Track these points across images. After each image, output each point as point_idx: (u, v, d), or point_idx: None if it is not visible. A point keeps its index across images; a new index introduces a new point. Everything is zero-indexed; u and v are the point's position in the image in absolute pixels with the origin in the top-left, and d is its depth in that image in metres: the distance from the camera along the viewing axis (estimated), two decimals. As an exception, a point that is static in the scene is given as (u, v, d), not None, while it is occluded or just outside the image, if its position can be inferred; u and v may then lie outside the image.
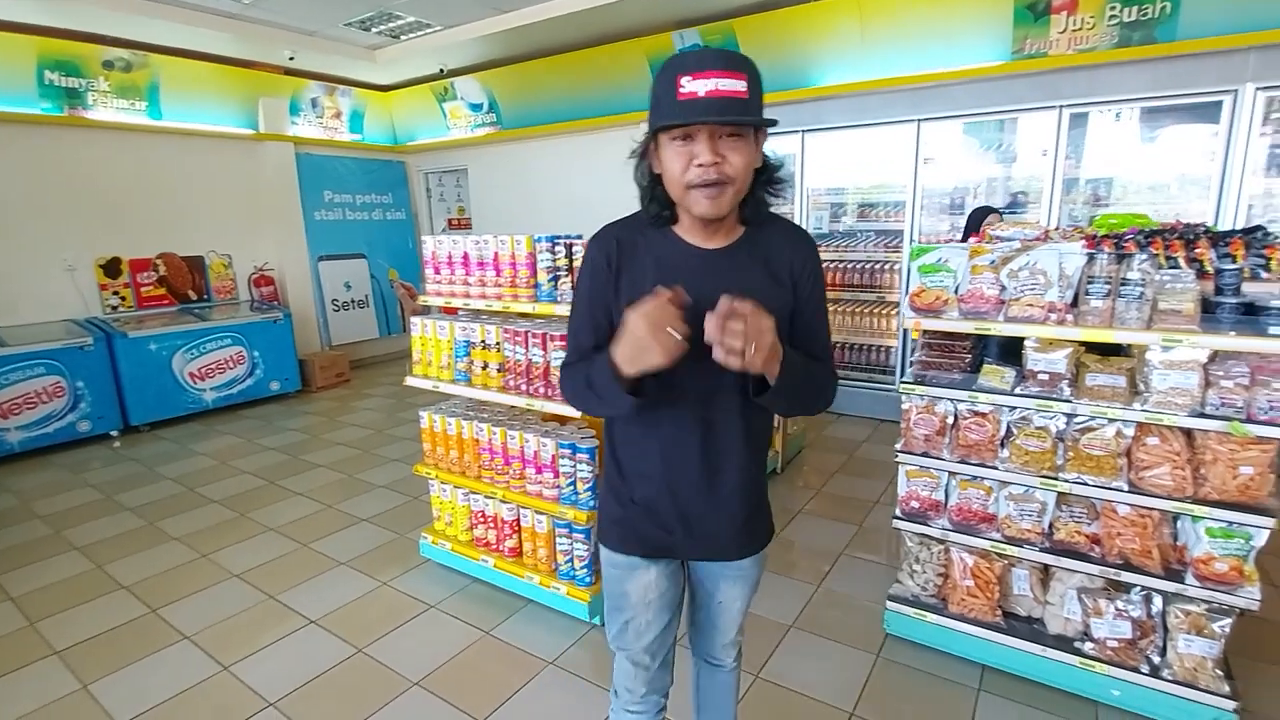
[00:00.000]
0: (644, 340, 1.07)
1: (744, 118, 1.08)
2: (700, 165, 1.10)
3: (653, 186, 1.23)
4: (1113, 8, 3.97)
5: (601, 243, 1.29)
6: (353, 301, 7.58)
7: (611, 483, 1.43)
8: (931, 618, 2.41)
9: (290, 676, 2.43)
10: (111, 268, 5.76)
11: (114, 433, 5.26)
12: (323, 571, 3.16)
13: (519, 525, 2.82)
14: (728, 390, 1.27)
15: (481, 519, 2.93)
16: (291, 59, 6.24)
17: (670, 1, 4.93)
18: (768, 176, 1.24)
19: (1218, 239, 2.07)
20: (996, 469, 2.23)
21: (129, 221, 5.85)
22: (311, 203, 7.10)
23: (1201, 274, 1.99)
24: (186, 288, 6.28)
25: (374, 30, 5.86)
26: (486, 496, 2.86)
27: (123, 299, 5.84)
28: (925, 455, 2.36)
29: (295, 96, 6.91)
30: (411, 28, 5.80)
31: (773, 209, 1.29)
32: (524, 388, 2.60)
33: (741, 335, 1.03)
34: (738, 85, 1.06)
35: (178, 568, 3.23)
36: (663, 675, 1.51)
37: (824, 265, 5.53)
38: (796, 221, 5.35)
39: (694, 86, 1.05)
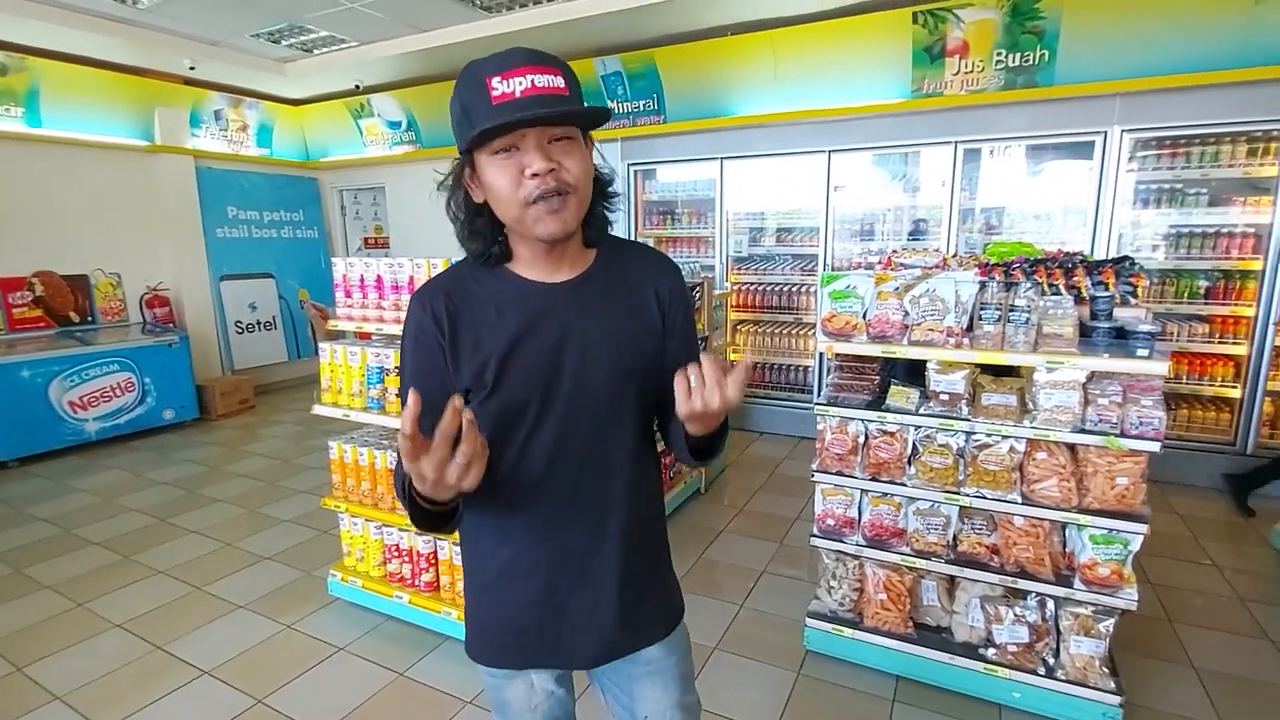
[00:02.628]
0: (433, 486, 0.85)
1: (577, 109, 0.94)
2: (535, 175, 0.94)
3: (472, 219, 1.06)
4: (999, 53, 4.31)
5: (424, 301, 1.06)
6: (258, 323, 7.17)
7: (477, 583, 1.18)
8: (848, 632, 2.48)
9: (178, 735, 2.23)
10: (-23, 287, 5.22)
11: (-24, 470, 4.73)
12: (219, 616, 2.93)
13: (435, 558, 2.71)
14: (620, 444, 1.10)
15: (395, 553, 2.80)
16: (192, 69, 5.90)
17: (592, 29, 4.99)
18: (601, 189, 1.08)
19: (1092, 268, 2.26)
20: (905, 485, 2.32)
21: (1, 238, 5.32)
22: (213, 219, 6.70)
23: (1079, 300, 2.16)
24: (67, 309, 5.76)
25: (284, 43, 5.63)
26: (401, 529, 2.74)
27: (-10, 322, 5.30)
28: (839, 474, 2.44)
29: (196, 108, 6.53)
30: (325, 42, 5.61)
31: (691, 233, 1.20)
32: (440, 414, 2.52)
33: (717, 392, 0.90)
34: (555, 80, 0.93)
35: (48, 620, 2.91)
36: None
37: (744, 287, 5.69)
38: (717, 244, 5.49)
39: (508, 87, 0.91)
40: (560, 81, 0.94)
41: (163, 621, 2.89)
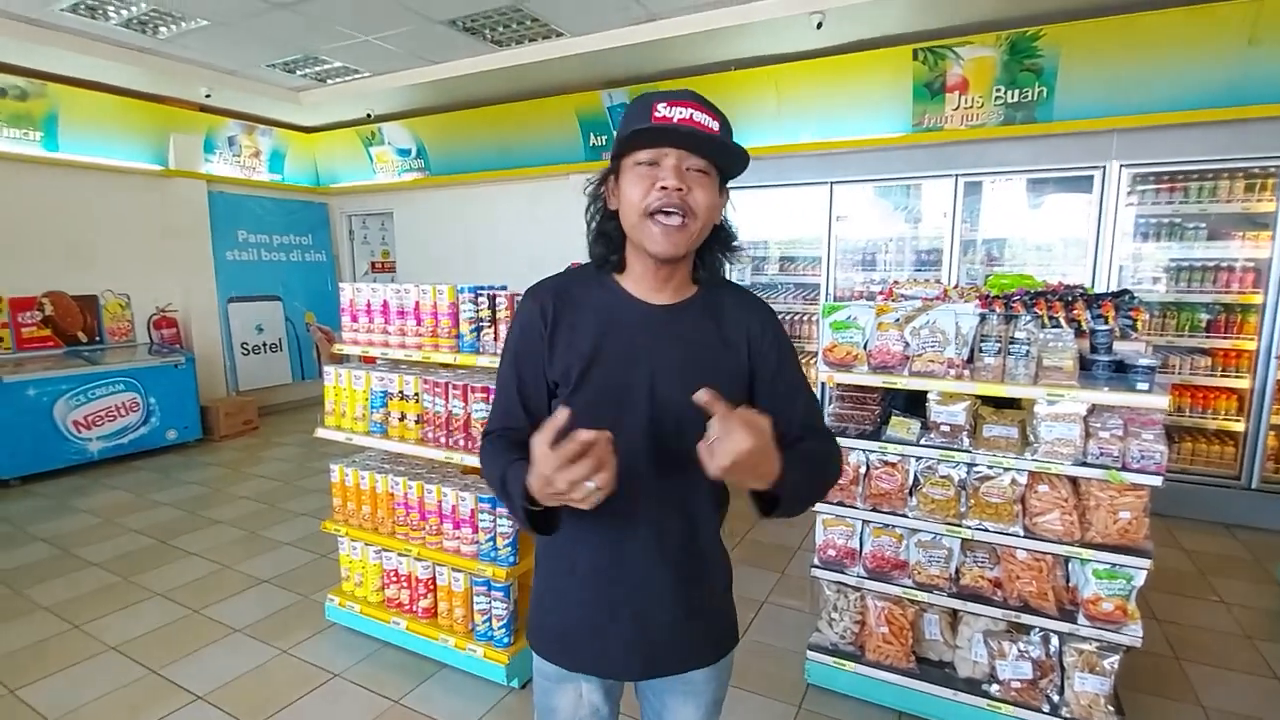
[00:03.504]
0: (550, 494, 0.91)
1: (716, 147, 1.04)
2: (664, 188, 1.02)
3: (603, 223, 1.15)
4: (998, 89, 4.39)
5: (536, 296, 1.17)
6: (264, 345, 7.22)
7: (543, 578, 1.24)
8: (850, 666, 2.44)
9: (170, 762, 2.20)
10: (-12, 307, 5.29)
11: (-22, 489, 4.74)
12: (215, 640, 2.91)
13: (434, 584, 2.70)
14: (676, 471, 1.11)
15: (394, 578, 2.78)
16: (208, 96, 6.04)
17: (600, 62, 5.10)
18: (724, 238, 1.18)
19: (1091, 301, 2.28)
20: (906, 517, 2.32)
21: (14, 258, 5.39)
22: (223, 242, 6.79)
23: (1079, 333, 2.18)
24: (76, 329, 5.81)
25: (299, 73, 5.77)
26: (400, 554, 2.73)
27: (-1, 340, 5.35)
28: (840, 504, 2.43)
29: (211, 134, 6.66)
30: (339, 72, 5.74)
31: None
32: (443, 440, 2.53)
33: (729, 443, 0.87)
34: (711, 122, 1.04)
35: (44, 641, 2.89)
36: None
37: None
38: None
39: (669, 113, 1.02)
40: (715, 125, 1.04)
41: (159, 645, 2.87)
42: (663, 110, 1.02)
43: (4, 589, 3.36)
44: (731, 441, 0.86)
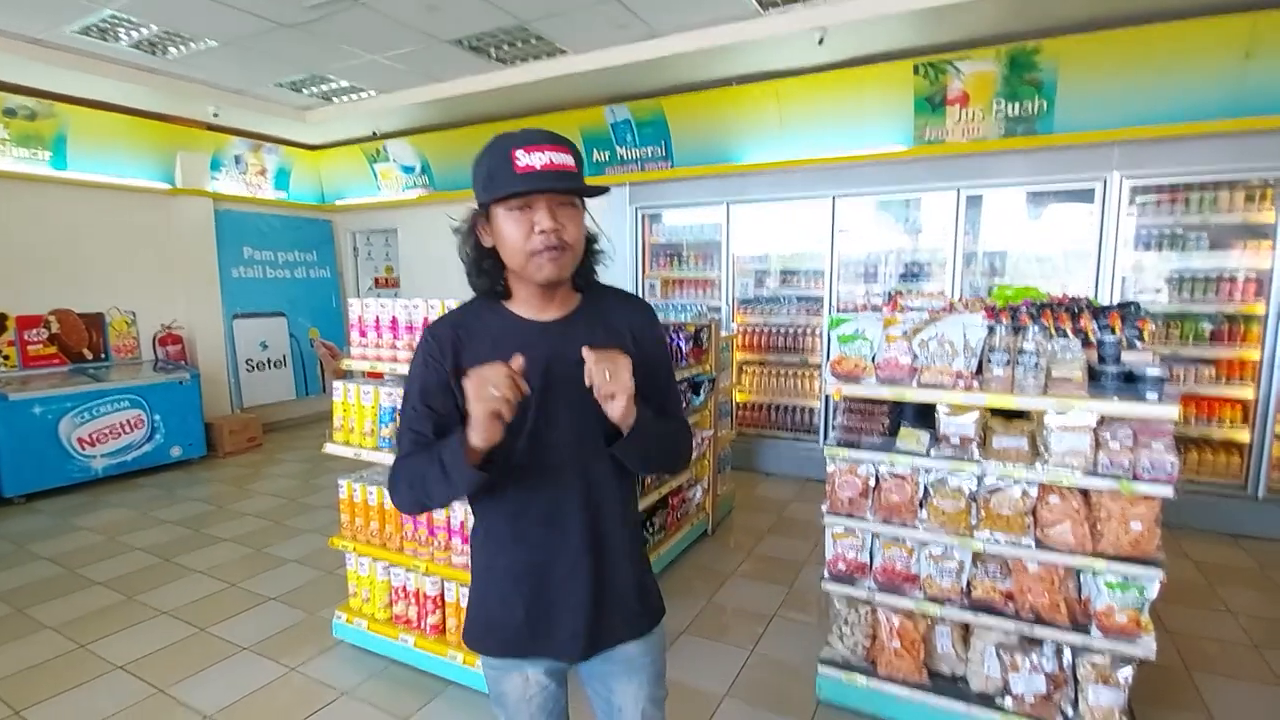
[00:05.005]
0: (483, 392, 1.06)
1: (581, 186, 1.18)
2: (542, 231, 1.15)
3: (480, 260, 1.26)
4: (998, 103, 4.43)
5: (436, 331, 1.28)
6: (269, 361, 7.23)
7: (479, 581, 1.36)
8: (861, 681, 2.43)
9: (178, 782, 2.18)
10: (-5, 324, 5.31)
11: (-18, 507, 4.73)
12: (222, 659, 2.89)
13: (443, 600, 2.69)
14: (598, 458, 1.25)
15: (402, 594, 2.77)
16: (216, 115, 6.10)
17: (602, 78, 5.16)
18: (592, 246, 1.31)
19: (1098, 312, 2.29)
20: (917, 529, 2.31)
21: (21, 275, 5.43)
22: (229, 259, 6.83)
23: (1086, 344, 2.19)
24: (82, 346, 5.83)
25: (305, 92, 5.83)
26: (408, 569, 2.72)
27: (5, 358, 5.36)
28: (850, 516, 2.43)
29: (218, 152, 6.72)
30: (344, 91, 5.81)
31: (697, 275, 1.35)
32: (451, 454, 2.53)
33: (609, 373, 1.10)
34: (567, 160, 1.15)
35: (49, 661, 2.88)
36: None
37: (750, 329, 5.73)
38: (723, 286, 5.57)
39: (530, 160, 1.12)
40: (571, 160, 1.17)
41: (165, 663, 2.85)
42: (523, 159, 1.12)
43: (8, 608, 3.34)
44: (616, 367, 1.11)
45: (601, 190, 1.21)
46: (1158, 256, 4.32)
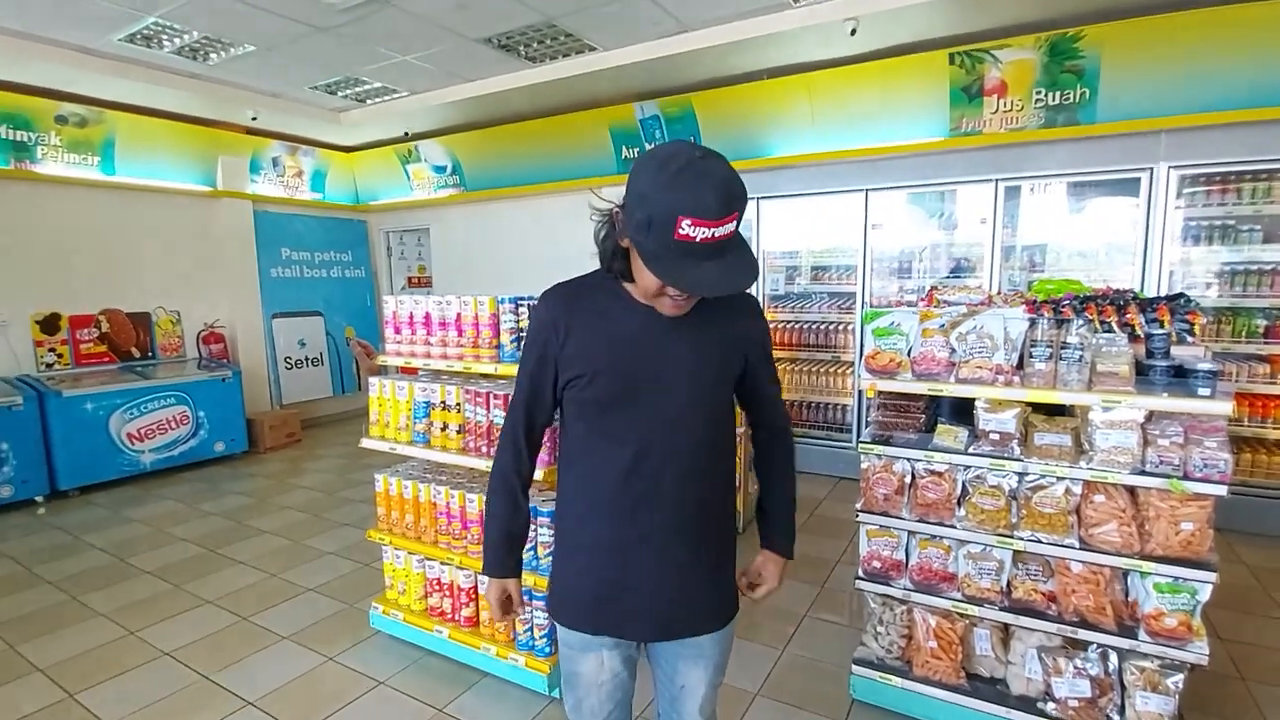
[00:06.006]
0: (494, 612, 1.42)
1: (726, 293, 1.11)
2: (673, 297, 1.17)
3: (612, 257, 1.24)
4: (1038, 92, 4.31)
5: (549, 302, 1.30)
6: (307, 359, 7.41)
7: (564, 551, 1.38)
8: (896, 681, 2.39)
9: (223, 766, 2.25)
10: (49, 324, 5.52)
11: (39, 498, 4.93)
12: (264, 647, 2.97)
13: (476, 593, 2.72)
14: (694, 449, 1.27)
15: (436, 586, 2.82)
16: (254, 119, 6.25)
17: (632, 75, 5.16)
18: None
19: (1145, 305, 2.21)
20: (955, 528, 2.26)
21: (73, 277, 5.65)
22: (268, 260, 7.01)
23: (1133, 338, 2.11)
24: (130, 345, 6.04)
25: (340, 94, 5.94)
26: (443, 563, 2.76)
27: (59, 356, 5.58)
28: (885, 514, 2.38)
29: (256, 155, 6.89)
30: (378, 93, 5.90)
31: None
32: (485, 449, 2.55)
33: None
34: (731, 226, 1.06)
35: (101, 647, 2.99)
36: None
37: (781, 325, 5.67)
38: (754, 283, 5.51)
39: (694, 232, 1.03)
40: (734, 226, 1.06)
41: (210, 651, 2.94)
42: (687, 230, 1.02)
43: (65, 595, 3.48)
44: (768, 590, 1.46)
45: (748, 284, 1.15)
46: (1207, 249, 4.15)
